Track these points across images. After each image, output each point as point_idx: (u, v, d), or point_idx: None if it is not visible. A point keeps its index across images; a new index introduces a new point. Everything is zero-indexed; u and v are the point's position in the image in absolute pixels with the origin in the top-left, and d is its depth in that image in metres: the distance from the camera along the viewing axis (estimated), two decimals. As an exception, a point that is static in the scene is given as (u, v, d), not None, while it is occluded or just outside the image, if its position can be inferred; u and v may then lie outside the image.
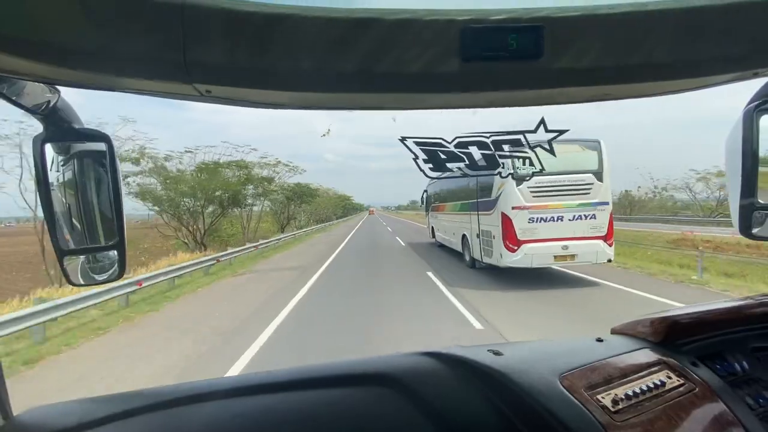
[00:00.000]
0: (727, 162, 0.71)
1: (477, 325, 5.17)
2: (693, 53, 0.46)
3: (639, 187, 38.17)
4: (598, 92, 0.50)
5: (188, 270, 9.36)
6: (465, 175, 0.54)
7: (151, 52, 0.40)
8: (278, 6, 0.40)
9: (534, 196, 7.10)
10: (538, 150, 0.54)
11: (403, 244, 17.16)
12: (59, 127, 0.62)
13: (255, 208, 25.09)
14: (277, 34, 0.41)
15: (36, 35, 0.39)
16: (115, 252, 0.67)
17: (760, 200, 0.69)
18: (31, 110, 0.59)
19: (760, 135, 0.67)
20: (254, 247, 14.23)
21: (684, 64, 0.47)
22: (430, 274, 9.06)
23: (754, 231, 0.71)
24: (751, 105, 0.68)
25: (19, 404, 0.55)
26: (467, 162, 0.53)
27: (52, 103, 0.60)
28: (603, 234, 7.22)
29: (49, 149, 0.63)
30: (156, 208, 16.82)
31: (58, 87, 0.60)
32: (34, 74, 0.45)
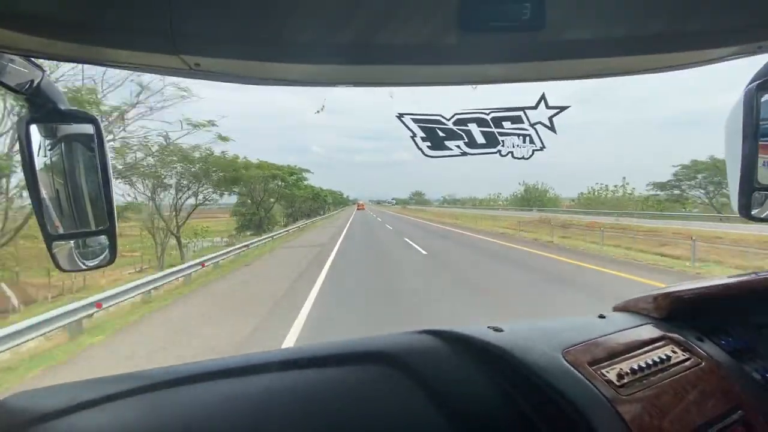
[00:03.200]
0: (726, 142, 0.70)
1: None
2: (696, 25, 0.45)
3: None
4: (599, 66, 0.49)
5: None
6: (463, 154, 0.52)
7: (135, 21, 0.38)
8: None
9: None
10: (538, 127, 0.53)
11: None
12: (45, 108, 0.60)
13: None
14: (270, 3, 0.39)
15: (17, 6, 0.37)
16: (106, 237, 0.66)
17: (759, 181, 0.68)
18: (15, 89, 0.56)
19: (761, 114, 0.67)
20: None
21: (687, 36, 0.46)
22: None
23: (754, 212, 0.70)
24: (753, 84, 0.67)
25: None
26: (466, 140, 0.52)
27: (36, 82, 0.58)
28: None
29: (35, 131, 0.61)
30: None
31: (43, 66, 0.58)
32: (16, 47, 0.43)
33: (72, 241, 0.67)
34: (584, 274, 7.98)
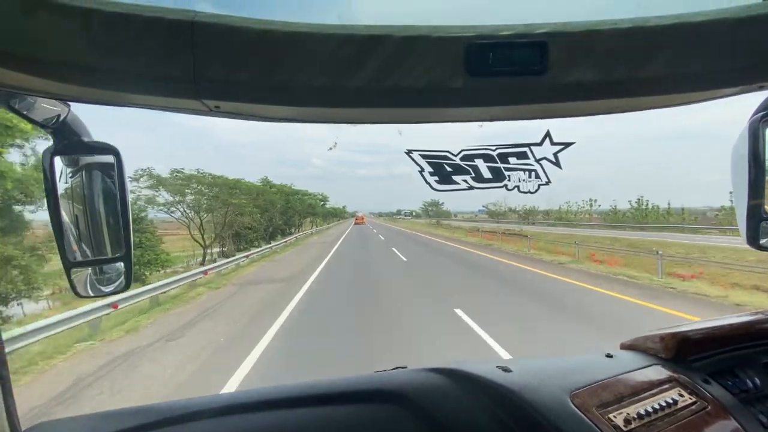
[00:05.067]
0: (732, 172, 0.71)
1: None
2: (697, 67, 0.47)
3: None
4: (602, 106, 0.51)
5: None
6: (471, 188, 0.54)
7: (160, 70, 0.41)
8: (287, 24, 0.41)
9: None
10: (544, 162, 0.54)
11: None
12: (69, 140, 0.63)
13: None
14: (286, 51, 0.41)
15: (47, 54, 0.40)
16: (122, 264, 0.68)
17: (767, 210, 0.68)
18: (42, 124, 0.60)
19: (766, 145, 0.67)
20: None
21: (688, 77, 0.47)
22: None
23: (762, 242, 0.70)
24: (757, 116, 0.68)
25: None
26: (473, 174, 0.53)
27: (62, 118, 0.61)
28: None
29: (58, 162, 0.64)
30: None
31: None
32: (45, 91, 0.46)
33: (90, 268, 0.69)
34: None
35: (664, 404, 0.62)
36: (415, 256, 14.03)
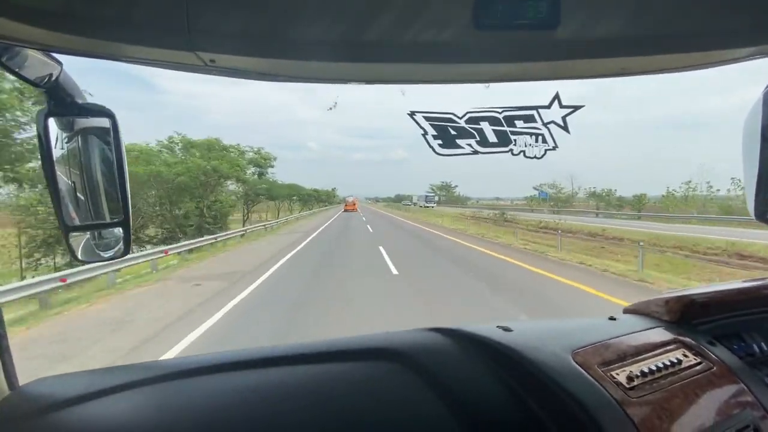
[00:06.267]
0: (744, 144, 0.69)
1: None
2: (715, 25, 0.45)
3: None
4: (614, 66, 0.48)
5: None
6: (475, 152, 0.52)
7: (152, 17, 0.39)
8: None
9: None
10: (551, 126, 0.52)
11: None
12: (63, 101, 0.62)
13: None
14: (285, 1, 0.40)
15: (37, 1, 0.38)
16: (121, 229, 0.67)
17: None
18: (34, 82, 0.58)
19: None
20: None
21: (705, 36, 0.45)
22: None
23: None
24: None
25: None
26: (478, 138, 0.52)
27: (54, 76, 0.59)
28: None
29: (53, 124, 0.62)
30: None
31: (61, 60, 0.59)
32: (34, 41, 0.44)
33: (88, 233, 0.68)
34: None
35: (667, 363, 0.62)
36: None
